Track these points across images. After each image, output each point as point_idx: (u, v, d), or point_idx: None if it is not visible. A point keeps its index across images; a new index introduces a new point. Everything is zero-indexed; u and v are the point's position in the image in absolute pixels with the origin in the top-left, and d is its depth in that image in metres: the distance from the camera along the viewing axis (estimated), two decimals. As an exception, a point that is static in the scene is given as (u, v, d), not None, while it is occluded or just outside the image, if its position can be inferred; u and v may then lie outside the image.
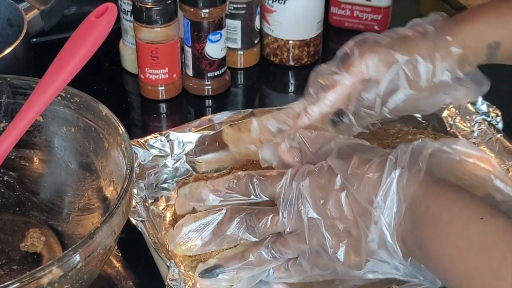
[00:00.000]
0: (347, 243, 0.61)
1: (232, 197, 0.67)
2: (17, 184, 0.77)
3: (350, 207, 0.61)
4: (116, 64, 1.02)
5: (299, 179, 0.63)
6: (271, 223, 0.64)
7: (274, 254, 0.65)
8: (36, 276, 0.54)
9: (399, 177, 0.59)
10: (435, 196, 0.58)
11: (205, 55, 0.93)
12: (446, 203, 0.57)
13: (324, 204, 0.62)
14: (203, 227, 0.66)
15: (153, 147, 0.80)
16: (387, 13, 1.08)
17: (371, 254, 0.61)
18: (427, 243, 0.57)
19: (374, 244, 0.60)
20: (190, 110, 0.97)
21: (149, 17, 0.89)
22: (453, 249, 0.55)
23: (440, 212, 0.56)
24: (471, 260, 0.53)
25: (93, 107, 0.71)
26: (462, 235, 0.54)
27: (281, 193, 0.64)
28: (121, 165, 0.67)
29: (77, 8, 1.07)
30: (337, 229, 0.61)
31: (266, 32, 1.02)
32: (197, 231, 0.66)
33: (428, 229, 0.57)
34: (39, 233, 0.73)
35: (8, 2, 0.89)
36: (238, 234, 0.65)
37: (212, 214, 0.66)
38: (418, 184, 0.58)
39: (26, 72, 0.76)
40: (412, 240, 0.58)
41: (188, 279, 0.68)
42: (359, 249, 0.61)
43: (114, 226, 0.61)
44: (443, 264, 0.56)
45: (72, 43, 0.64)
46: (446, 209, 0.56)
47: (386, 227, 0.59)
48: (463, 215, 0.55)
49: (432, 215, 0.57)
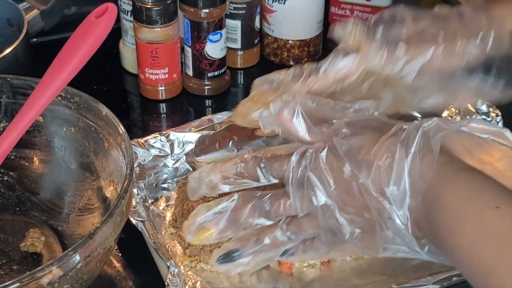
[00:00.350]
0: (363, 228, 0.60)
1: (242, 182, 0.65)
2: (17, 184, 0.77)
3: (362, 195, 0.58)
4: (116, 64, 1.02)
5: (307, 161, 0.61)
6: (283, 207, 0.62)
7: (289, 236, 0.63)
8: (36, 276, 0.54)
9: (412, 165, 0.56)
10: (448, 182, 0.55)
11: (205, 55, 0.93)
12: (459, 189, 0.54)
13: (336, 190, 0.59)
14: (217, 216, 0.65)
15: (153, 147, 0.80)
16: (387, 13, 1.08)
17: (387, 241, 0.59)
18: (441, 232, 0.55)
19: (390, 233, 0.58)
20: (190, 110, 0.97)
21: (149, 17, 0.89)
22: (468, 242, 0.53)
23: (453, 200, 0.54)
24: (488, 253, 0.51)
25: (93, 107, 0.71)
26: (477, 226, 0.52)
27: (289, 178, 0.62)
28: (121, 165, 0.67)
29: (77, 8, 1.07)
30: (351, 214, 0.59)
31: (266, 32, 1.02)
32: (211, 220, 0.65)
33: (441, 218, 0.54)
34: (39, 233, 0.73)
35: (8, 2, 0.89)
36: (253, 220, 0.64)
37: (224, 201, 0.65)
38: (432, 171, 0.56)
39: (26, 72, 0.76)
40: (426, 227, 0.56)
41: (188, 279, 0.68)
42: (374, 235, 0.59)
43: (114, 226, 0.61)
44: (458, 254, 0.54)
45: (72, 43, 0.64)
46: (459, 196, 0.54)
47: (400, 220, 0.57)
48: (477, 204, 0.53)
49: (445, 203, 0.54)
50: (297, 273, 0.72)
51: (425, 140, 0.57)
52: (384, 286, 0.69)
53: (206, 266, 0.71)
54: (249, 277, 0.71)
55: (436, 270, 0.70)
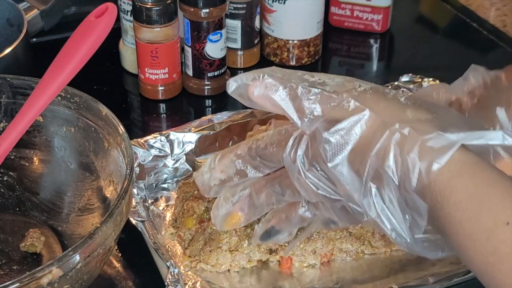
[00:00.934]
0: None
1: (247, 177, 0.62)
2: (17, 184, 0.77)
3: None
4: (116, 64, 1.02)
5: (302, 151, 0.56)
6: (293, 194, 0.61)
7: (312, 213, 0.61)
8: (36, 276, 0.54)
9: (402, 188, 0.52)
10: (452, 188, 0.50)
11: (205, 55, 0.93)
12: (464, 199, 0.49)
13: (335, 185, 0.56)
14: (236, 204, 0.64)
15: (153, 147, 0.80)
16: (387, 13, 1.08)
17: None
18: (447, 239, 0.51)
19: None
20: (190, 110, 0.97)
21: (149, 17, 0.89)
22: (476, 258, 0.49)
23: (457, 212, 0.49)
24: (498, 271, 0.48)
25: (93, 107, 0.71)
26: (487, 247, 0.48)
27: (288, 168, 0.58)
28: (121, 165, 0.67)
29: (77, 8, 1.07)
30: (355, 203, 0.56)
31: (266, 32, 1.02)
32: (234, 206, 0.64)
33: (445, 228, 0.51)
34: (39, 233, 0.73)
35: (8, 2, 0.89)
36: (273, 203, 0.62)
37: (238, 192, 0.63)
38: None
39: (26, 72, 0.76)
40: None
41: (188, 279, 0.68)
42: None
43: (114, 226, 0.61)
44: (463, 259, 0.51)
45: (72, 43, 0.64)
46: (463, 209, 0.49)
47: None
48: (486, 220, 0.48)
49: (448, 214, 0.50)
50: (297, 273, 0.72)
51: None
52: (384, 286, 0.69)
53: (206, 266, 0.71)
54: (249, 277, 0.71)
55: (437, 270, 0.70)
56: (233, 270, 0.72)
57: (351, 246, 0.73)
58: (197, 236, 0.72)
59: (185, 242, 0.73)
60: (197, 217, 0.73)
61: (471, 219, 0.49)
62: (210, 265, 0.70)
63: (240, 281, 0.71)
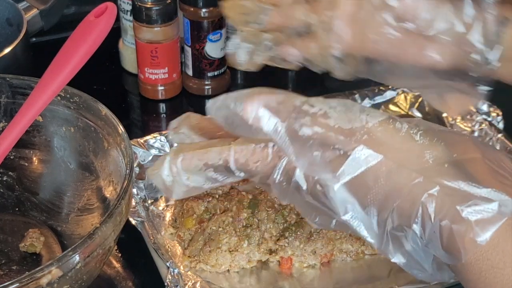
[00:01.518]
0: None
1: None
2: (16, 184, 0.77)
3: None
4: (116, 64, 1.02)
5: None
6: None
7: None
8: (35, 276, 0.54)
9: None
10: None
11: (205, 55, 0.93)
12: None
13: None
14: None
15: (153, 147, 0.80)
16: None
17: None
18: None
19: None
20: (190, 110, 0.97)
21: (149, 17, 0.89)
22: None
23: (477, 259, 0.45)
24: None
25: (92, 107, 0.71)
26: None
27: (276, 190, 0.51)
28: (121, 165, 0.67)
29: (77, 8, 1.06)
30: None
31: (266, 32, 1.02)
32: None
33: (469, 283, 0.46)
34: (38, 233, 0.73)
35: (8, 1, 0.89)
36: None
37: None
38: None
39: (26, 72, 0.76)
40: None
41: (188, 279, 0.68)
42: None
43: (114, 226, 0.61)
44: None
45: (71, 42, 0.64)
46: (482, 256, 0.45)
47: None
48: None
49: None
50: (297, 273, 0.72)
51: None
52: (384, 287, 0.69)
53: (206, 267, 0.71)
54: (248, 278, 0.71)
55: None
56: (233, 270, 0.72)
57: (351, 247, 0.73)
58: (196, 236, 0.72)
59: (185, 242, 0.73)
60: (197, 217, 0.73)
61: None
62: (210, 265, 0.70)
63: (239, 281, 0.71)
